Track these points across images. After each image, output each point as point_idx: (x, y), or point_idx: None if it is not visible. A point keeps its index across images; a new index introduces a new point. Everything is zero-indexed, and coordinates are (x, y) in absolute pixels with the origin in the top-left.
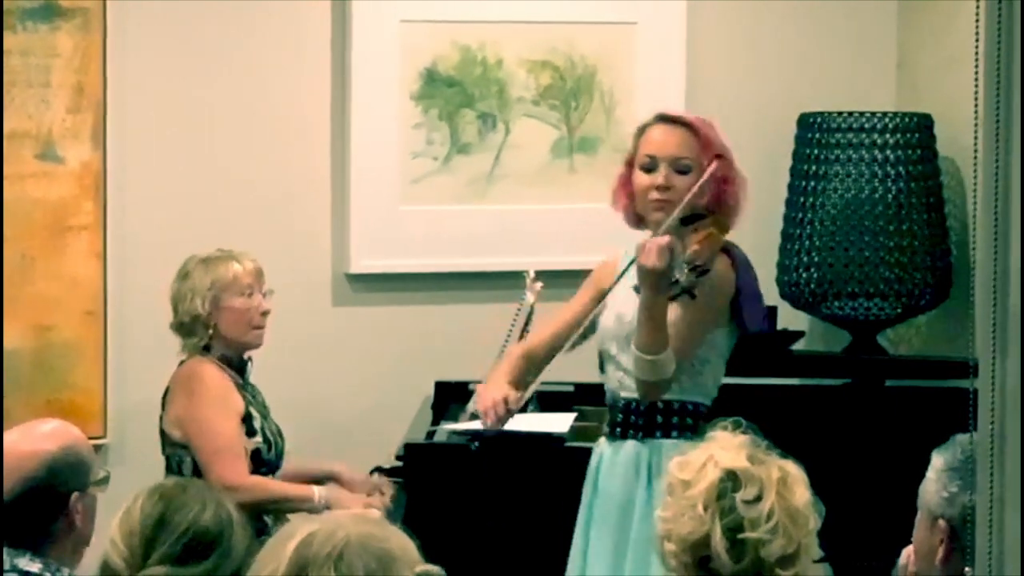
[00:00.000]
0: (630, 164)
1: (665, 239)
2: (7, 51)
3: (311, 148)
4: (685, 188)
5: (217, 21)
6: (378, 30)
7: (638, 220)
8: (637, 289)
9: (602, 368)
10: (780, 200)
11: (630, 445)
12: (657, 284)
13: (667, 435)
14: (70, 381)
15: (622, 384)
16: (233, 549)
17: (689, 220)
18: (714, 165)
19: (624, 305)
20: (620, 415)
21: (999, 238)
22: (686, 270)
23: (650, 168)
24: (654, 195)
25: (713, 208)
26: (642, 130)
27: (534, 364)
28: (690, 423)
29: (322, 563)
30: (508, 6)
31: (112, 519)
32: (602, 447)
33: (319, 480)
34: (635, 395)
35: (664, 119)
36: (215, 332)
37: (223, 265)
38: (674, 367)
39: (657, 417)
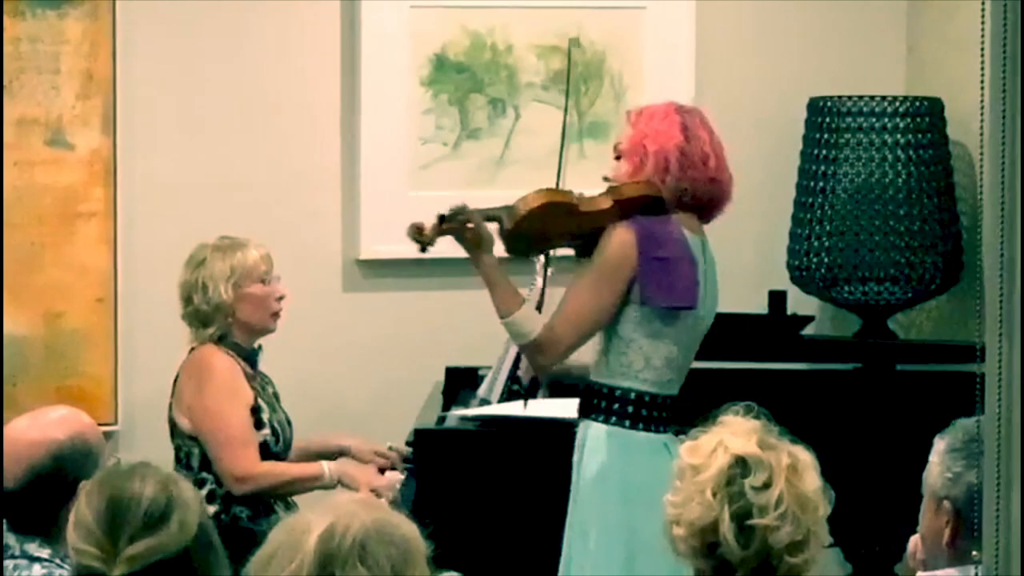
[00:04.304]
0: None
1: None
2: (16, 38)
3: (321, 134)
4: (620, 172)
5: (226, 7)
6: (388, 16)
7: None
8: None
9: None
10: (790, 185)
11: (581, 424)
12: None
13: (598, 418)
14: (80, 368)
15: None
16: (188, 510)
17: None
18: None
19: None
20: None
21: (1005, 222)
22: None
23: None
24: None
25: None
26: None
27: None
28: (619, 409)
29: (346, 556)
30: None
31: None
32: None
33: (330, 455)
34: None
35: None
36: (233, 320)
37: (240, 252)
38: (535, 327)
39: (592, 399)
